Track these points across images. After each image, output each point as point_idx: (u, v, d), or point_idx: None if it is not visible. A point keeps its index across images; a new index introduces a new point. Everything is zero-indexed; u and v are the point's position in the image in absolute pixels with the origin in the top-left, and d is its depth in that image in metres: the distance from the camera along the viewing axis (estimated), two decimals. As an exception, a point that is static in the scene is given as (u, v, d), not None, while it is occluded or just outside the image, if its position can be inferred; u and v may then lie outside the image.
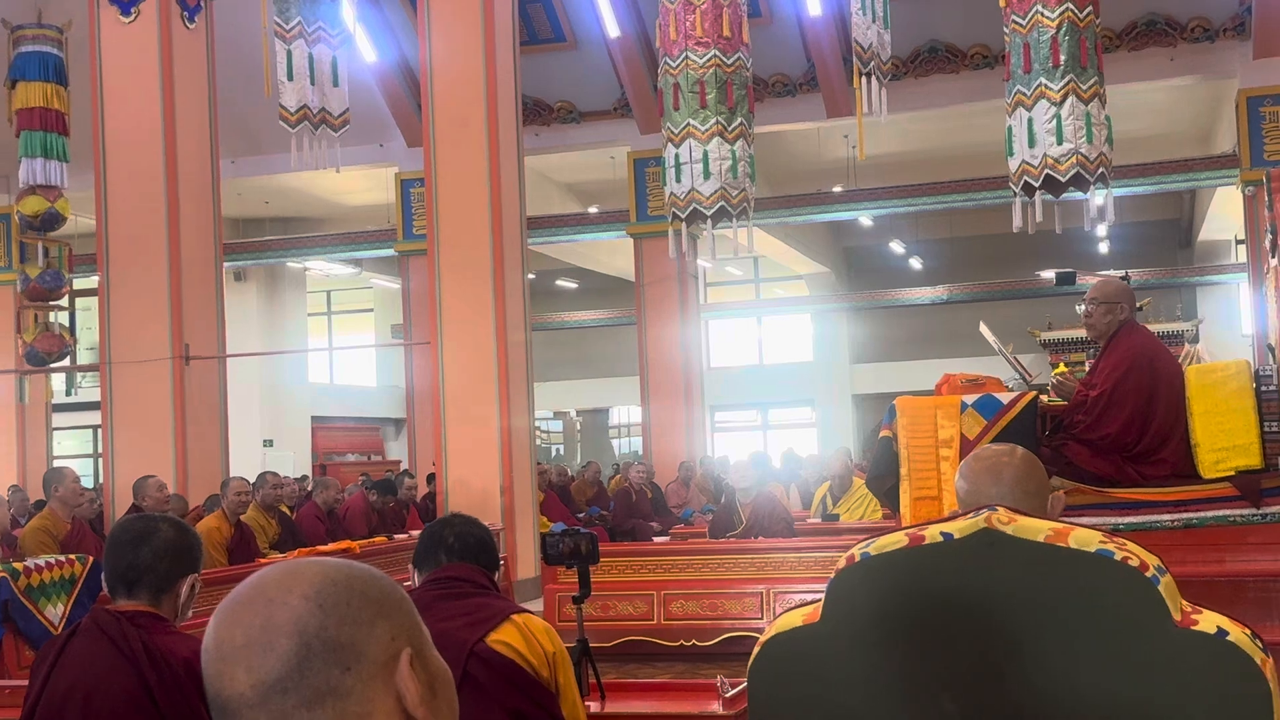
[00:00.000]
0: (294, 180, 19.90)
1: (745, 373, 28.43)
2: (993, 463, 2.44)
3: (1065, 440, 5.51)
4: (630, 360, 19.58)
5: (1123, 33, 15.67)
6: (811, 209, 19.38)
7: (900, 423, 5.52)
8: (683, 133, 10.02)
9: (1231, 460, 5.28)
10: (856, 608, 2.00)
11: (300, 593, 1.14)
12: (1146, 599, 1.83)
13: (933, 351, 25.58)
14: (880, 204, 19.09)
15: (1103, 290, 5.82)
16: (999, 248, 24.98)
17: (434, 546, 3.08)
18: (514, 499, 11.41)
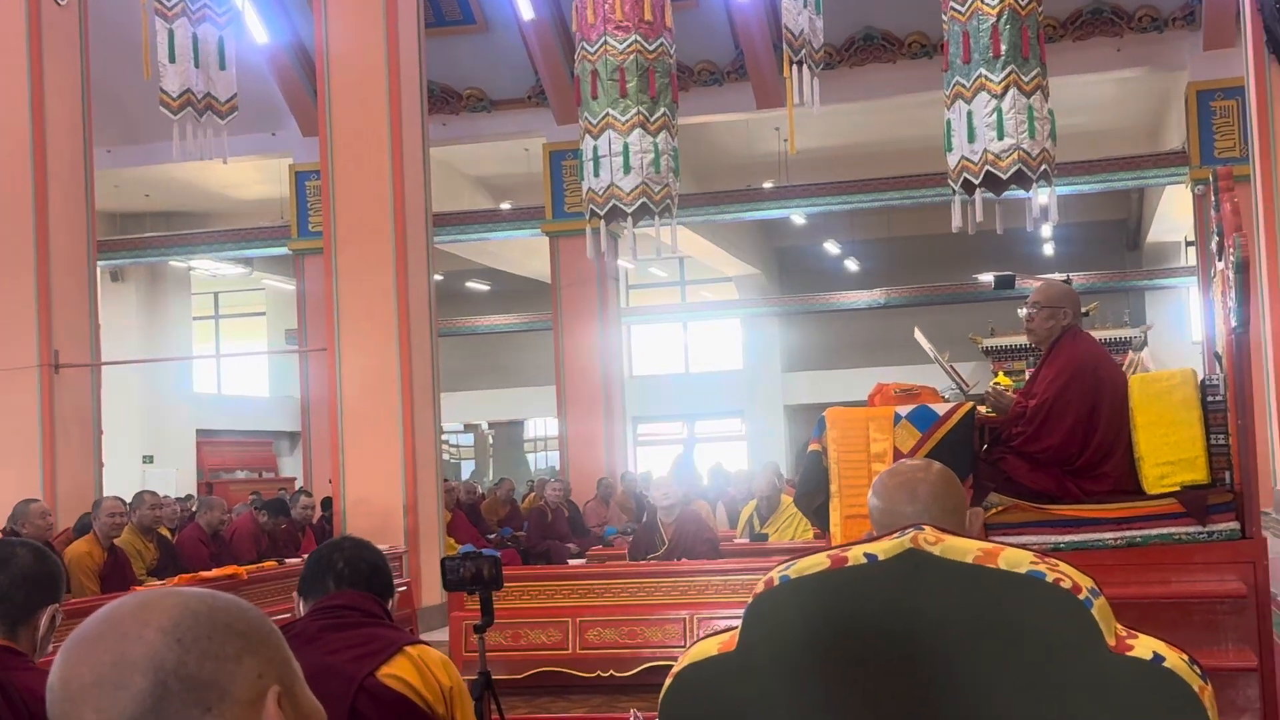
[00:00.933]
0: (177, 171, 19.62)
1: (670, 382, 28.49)
2: (908, 479, 2.47)
3: (1003, 454, 5.58)
4: (546, 368, 19.53)
5: (1067, 22, 15.96)
6: (740, 206, 19.50)
7: (830, 435, 5.56)
8: (601, 124, 10.02)
9: (1177, 475, 5.38)
10: (775, 634, 2.01)
11: (157, 625, 1.12)
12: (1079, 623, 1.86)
13: (869, 359, 25.84)
14: (813, 201, 19.25)
15: (1045, 294, 5.92)
16: (939, 249, 25.31)
17: (321, 572, 3.05)
18: (418, 519, 11.33)
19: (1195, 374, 5.57)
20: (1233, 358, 5.28)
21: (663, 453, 28.68)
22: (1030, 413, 5.60)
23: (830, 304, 26.06)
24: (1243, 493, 5.28)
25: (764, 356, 28.34)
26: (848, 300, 25.71)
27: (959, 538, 2.03)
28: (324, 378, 12.81)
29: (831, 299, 25.96)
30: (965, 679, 1.89)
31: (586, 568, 9.43)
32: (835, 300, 25.88)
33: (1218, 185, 5.43)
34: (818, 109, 10.01)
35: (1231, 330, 5.24)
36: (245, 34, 15.51)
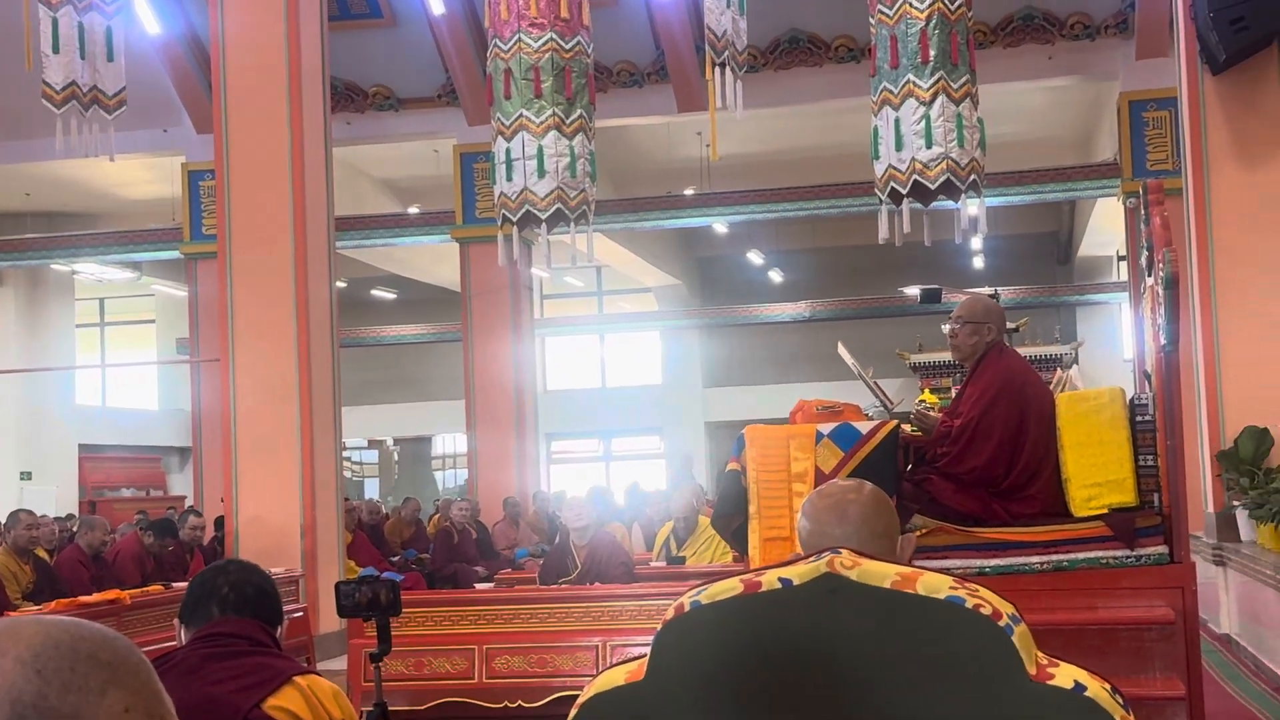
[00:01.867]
0: (61, 169, 19.28)
1: (586, 396, 28.48)
2: (838, 500, 2.48)
3: (928, 474, 5.64)
4: (455, 382, 19.44)
5: (997, 28, 16.21)
6: (660, 214, 19.55)
7: (750, 454, 5.58)
8: (515, 125, 10.01)
9: (1104, 497, 5.47)
10: (686, 663, 2.00)
11: (15, 655, 1.09)
12: (999, 650, 1.87)
13: (792, 375, 26.02)
14: (736, 209, 19.36)
15: (969, 309, 5.99)
16: (865, 260, 25.56)
17: (205, 597, 3.00)
18: (317, 541, 11.22)
19: (1123, 393, 5.67)
20: (1162, 376, 5.38)
21: (577, 471, 28.65)
22: (955, 432, 5.67)
23: (753, 317, 26.21)
24: (1171, 515, 5.38)
25: (684, 371, 28.42)
26: (771, 313, 25.87)
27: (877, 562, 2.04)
28: (217, 390, 12.64)
29: (754, 311, 26.11)
30: (882, 708, 1.90)
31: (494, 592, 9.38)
32: (758, 313, 26.03)
33: (1148, 198, 5.53)
34: (741, 113, 10.06)
35: (1161, 348, 5.33)
36: (135, 24, 15.28)
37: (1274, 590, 8.12)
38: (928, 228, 9.61)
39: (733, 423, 25.54)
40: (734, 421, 25.22)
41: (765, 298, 26.64)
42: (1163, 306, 5.22)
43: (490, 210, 12.32)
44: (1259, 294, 10.28)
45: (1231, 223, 10.38)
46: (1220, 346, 10.27)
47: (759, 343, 28.06)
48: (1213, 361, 10.32)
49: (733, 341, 28.39)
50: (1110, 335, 25.77)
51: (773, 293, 27.11)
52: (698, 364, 28.63)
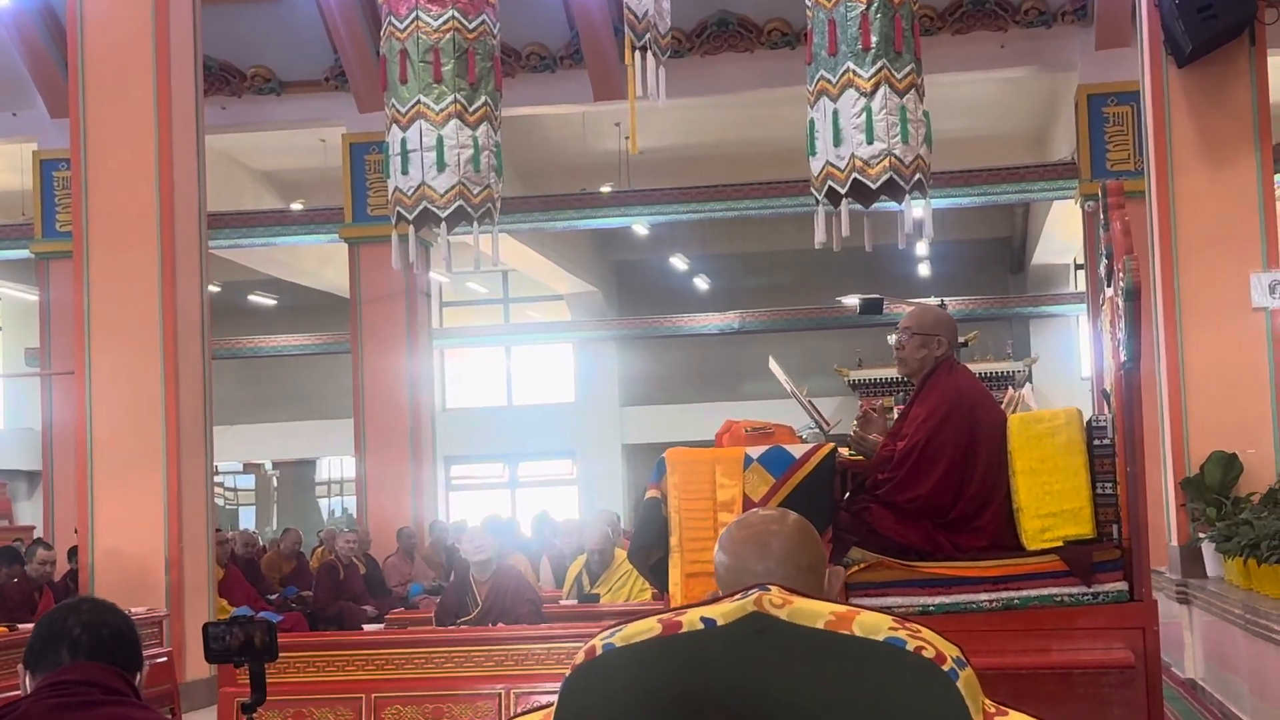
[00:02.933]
0: (-105, 156, 18.95)
1: (489, 416, 28.41)
2: (759, 531, 2.49)
3: (867, 503, 5.67)
4: (343, 398, 19.29)
5: (945, 12, 16.40)
6: (574, 213, 19.57)
7: (671, 481, 5.59)
8: (412, 113, 9.96)
9: (1059, 529, 5.53)
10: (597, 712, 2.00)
11: None
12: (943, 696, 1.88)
13: (719, 392, 26.12)
14: (658, 209, 19.42)
15: (918, 319, 6.04)
16: (800, 267, 25.74)
17: (54, 640, 2.95)
18: (184, 576, 11.11)
19: (1080, 414, 5.73)
20: (1122, 396, 5.45)
21: (480, 498, 28.54)
22: (898, 456, 5.70)
23: (676, 328, 26.28)
24: (1132, 549, 5.44)
25: (599, 388, 28.42)
26: (696, 324, 25.96)
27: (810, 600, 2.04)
28: (71, 406, 12.47)
29: (677, 322, 26.18)
30: (814, 762, 1.90)
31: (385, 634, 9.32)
32: (682, 324, 26.10)
33: (1107, 201, 5.61)
34: (664, 102, 10.10)
35: (1120, 365, 5.41)
36: (-18, -7, 15.07)
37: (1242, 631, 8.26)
38: (869, 231, 9.69)
39: (653, 445, 25.56)
40: (654, 444, 25.24)
41: (690, 307, 26.73)
42: (1123, 320, 5.29)
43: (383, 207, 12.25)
44: (1228, 307, 10.46)
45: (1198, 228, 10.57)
46: (1185, 364, 10.45)
47: (683, 357, 28.13)
48: (1177, 380, 10.50)
49: (654, 355, 28.43)
50: (1067, 351, 26.15)
51: (698, 301, 27.21)
52: (615, 380, 28.65)
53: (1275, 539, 8.36)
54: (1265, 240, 10.55)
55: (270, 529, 28.02)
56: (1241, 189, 10.62)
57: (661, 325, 26.51)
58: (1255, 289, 10.45)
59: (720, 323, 25.66)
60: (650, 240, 25.28)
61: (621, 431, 28.46)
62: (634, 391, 28.77)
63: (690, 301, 27.18)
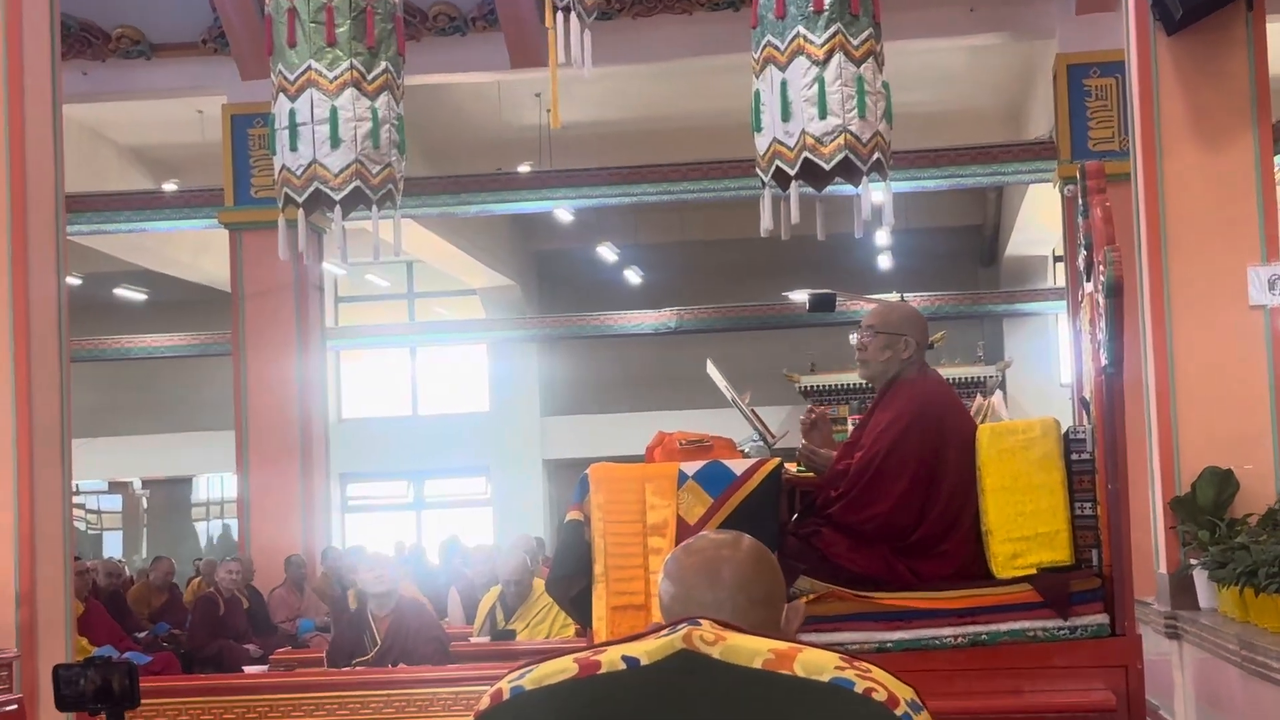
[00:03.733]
0: None
1: (392, 427, 28.31)
2: (709, 557, 2.48)
3: (818, 526, 5.68)
4: (223, 407, 19.15)
5: (909, -28, 16.48)
6: (488, 196, 19.50)
7: (595, 501, 5.58)
8: (301, 80, 9.89)
9: (1032, 554, 5.56)
10: (505, 764, 2.01)
11: None
12: (895, 745, 1.90)
13: (653, 400, 26.17)
14: (585, 192, 19.39)
15: (883, 316, 6.06)
16: (744, 259, 25.82)
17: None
18: (36, 612, 10.95)
19: (1058, 425, 5.78)
20: (1102, 405, 5.49)
21: (381, 521, 28.44)
22: (854, 472, 5.72)
23: (604, 327, 26.27)
24: (1114, 577, 5.48)
25: (517, 395, 28.38)
26: (627, 323, 25.96)
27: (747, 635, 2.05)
28: (-93, 416, 12.28)
29: (606, 321, 26.18)
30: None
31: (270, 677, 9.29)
32: (611, 322, 26.10)
33: (1086, 184, 5.65)
34: (590, 71, 10.07)
35: (1101, 370, 5.45)
36: None
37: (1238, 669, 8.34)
38: (821, 218, 9.71)
39: (577, 460, 25.52)
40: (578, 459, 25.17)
41: (620, 303, 26.73)
42: (1104, 318, 5.33)
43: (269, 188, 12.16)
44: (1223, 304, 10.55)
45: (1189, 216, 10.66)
46: (1175, 369, 10.54)
47: (612, 360, 28.14)
48: (1166, 387, 10.58)
49: (579, 358, 28.43)
50: (1044, 354, 26.36)
51: (629, 297, 27.21)
52: (535, 386, 28.62)
53: (1275, 565, 8.45)
54: (1264, 230, 10.64)
55: (139, 557, 27.77)
56: (1237, 172, 10.71)
57: (588, 324, 26.51)
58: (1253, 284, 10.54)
59: (654, 321, 25.68)
60: (575, 228, 25.26)
61: (542, 445, 28.42)
62: (557, 400, 28.74)
63: (621, 297, 27.17)
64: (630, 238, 26.67)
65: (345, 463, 25.28)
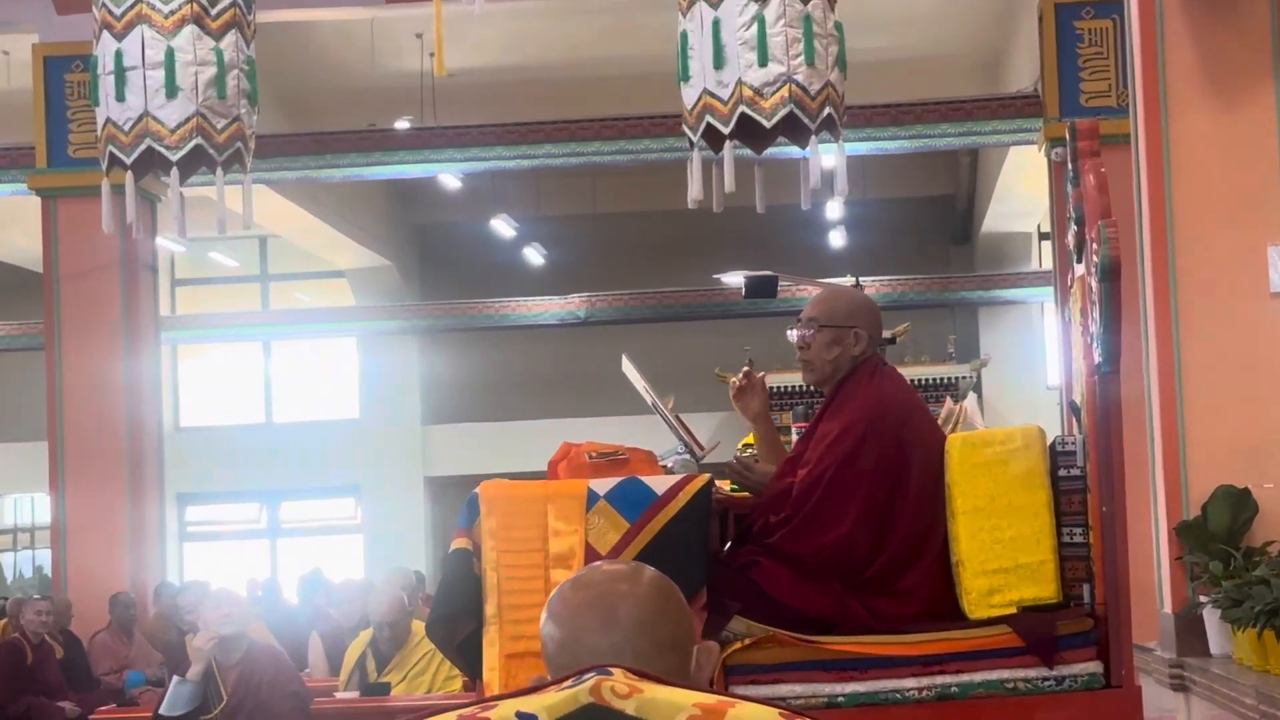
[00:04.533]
0: None
1: (242, 438, 28.16)
2: (602, 593, 2.48)
3: (755, 557, 5.69)
4: (33, 413, 18.97)
5: (867, -110, 16.57)
6: (359, 158, 19.42)
7: (487, 526, 5.57)
8: (130, 15, 9.82)
9: (1012, 590, 5.57)
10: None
11: None
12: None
13: (557, 405, 26.12)
14: (475, 154, 19.35)
15: (827, 305, 6.05)
16: (669, 235, 25.86)
17: None
18: None
19: (1043, 435, 5.79)
20: (1096, 411, 5.51)
21: (228, 551, 28.27)
22: (798, 492, 5.73)
23: (500, 317, 26.22)
24: (1108, 618, 5.51)
25: (395, 399, 28.29)
26: (527, 312, 25.92)
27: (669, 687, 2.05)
28: None
29: (502, 309, 26.13)
30: None
31: (90, 741, 9.23)
32: (508, 311, 26.05)
33: (1077, 146, 5.67)
34: (482, 6, 10.06)
35: (1094, 369, 5.47)
36: None
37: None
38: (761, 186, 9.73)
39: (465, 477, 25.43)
40: (467, 476, 25.12)
41: (519, 289, 26.69)
42: (1098, 307, 5.35)
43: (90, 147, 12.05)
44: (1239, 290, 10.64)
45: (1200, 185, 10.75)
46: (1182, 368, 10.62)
47: (508, 357, 28.09)
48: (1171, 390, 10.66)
49: (469, 354, 28.37)
50: (1028, 350, 26.52)
51: (530, 281, 27.18)
52: (415, 388, 28.55)
53: (1300, 603, 8.54)
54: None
55: (-70, 596, 27.51)
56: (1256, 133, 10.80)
57: (480, 313, 26.44)
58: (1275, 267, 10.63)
59: (560, 310, 25.65)
60: (465, 197, 25.20)
61: (424, 459, 28.35)
62: (442, 404, 28.68)
63: (520, 281, 27.13)
64: (531, 209, 26.62)
65: (184, 481, 25.12)
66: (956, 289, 26.42)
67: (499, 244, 26.89)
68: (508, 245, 26.96)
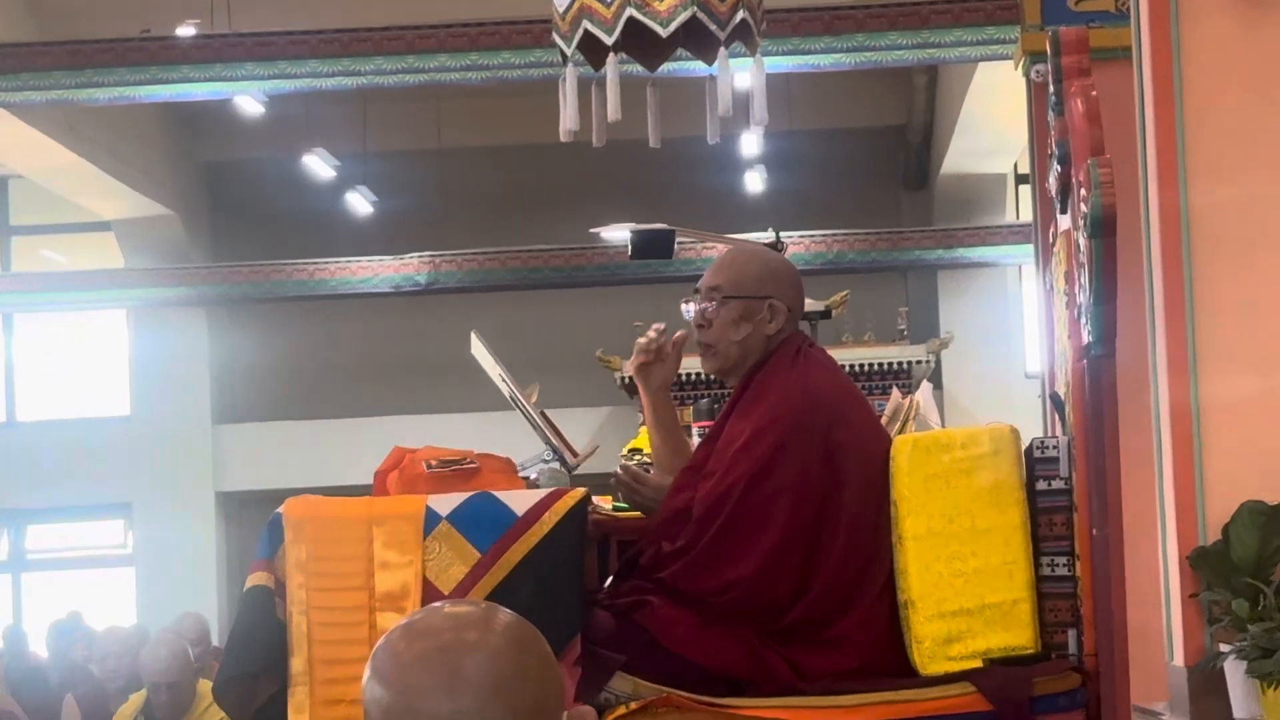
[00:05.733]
0: None
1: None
2: (444, 645, 2.51)
3: (646, 596, 5.70)
4: None
5: None
6: (131, 74, 19.36)
7: (294, 556, 5.58)
8: None
9: (977, 638, 5.61)
10: None
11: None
12: None
13: (389, 398, 26.13)
14: (283, 69, 19.35)
15: (736, 271, 6.07)
16: (537, 178, 25.86)
17: None
18: None
19: (1016, 436, 5.83)
20: (1085, 405, 5.55)
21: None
22: (701, 512, 5.75)
23: (315, 283, 26.20)
24: (1100, 673, 5.56)
25: (177, 391, 28.19)
26: (351, 276, 25.90)
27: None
28: None
29: (318, 273, 26.11)
30: None
31: None
32: (325, 275, 26.03)
33: (1058, 62, 5.71)
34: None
35: (1083, 351, 5.51)
36: None
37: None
38: (656, 114, 9.76)
39: (268, 493, 25.39)
40: (270, 491, 25.09)
41: (339, 246, 26.67)
42: (1087, 271, 5.39)
43: None
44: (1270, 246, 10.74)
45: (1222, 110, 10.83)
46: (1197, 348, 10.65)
47: (325, 335, 28.08)
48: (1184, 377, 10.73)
49: (274, 333, 28.37)
50: (1000, 326, 26.66)
51: (355, 237, 27.16)
52: (204, 377, 28.48)
53: (1348, 653, 8.65)
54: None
55: None
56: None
57: (288, 278, 26.40)
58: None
59: (393, 274, 25.64)
60: (268, 127, 25.11)
61: (215, 469, 28.27)
62: (238, 398, 28.65)
63: (342, 237, 27.14)
64: (356, 144, 26.58)
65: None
66: (909, 247, 26.52)
67: (314, 188, 26.83)
68: (326, 190, 26.91)
